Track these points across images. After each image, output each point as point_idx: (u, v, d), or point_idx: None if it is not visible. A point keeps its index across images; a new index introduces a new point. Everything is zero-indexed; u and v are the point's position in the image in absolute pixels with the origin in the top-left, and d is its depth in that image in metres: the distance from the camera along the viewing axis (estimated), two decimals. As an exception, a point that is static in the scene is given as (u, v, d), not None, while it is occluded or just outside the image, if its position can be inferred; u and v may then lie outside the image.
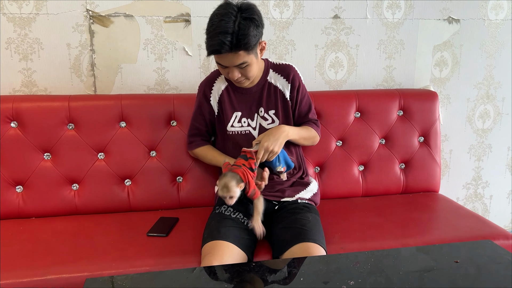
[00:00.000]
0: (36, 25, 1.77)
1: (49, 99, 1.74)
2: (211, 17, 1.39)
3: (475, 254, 1.18)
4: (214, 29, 1.35)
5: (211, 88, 1.62)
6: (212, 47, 1.36)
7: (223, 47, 1.34)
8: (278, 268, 1.13)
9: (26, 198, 1.71)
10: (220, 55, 1.38)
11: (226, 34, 1.33)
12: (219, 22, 1.34)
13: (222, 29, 1.33)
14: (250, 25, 1.35)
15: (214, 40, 1.34)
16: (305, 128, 1.64)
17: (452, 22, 2.11)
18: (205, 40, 1.40)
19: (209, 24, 1.38)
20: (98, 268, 1.34)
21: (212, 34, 1.35)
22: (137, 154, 1.78)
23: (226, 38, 1.33)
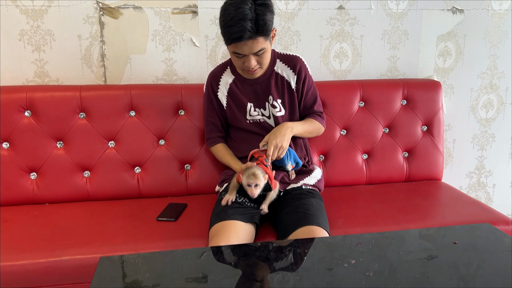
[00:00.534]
0: (48, 17, 1.82)
1: (61, 89, 1.80)
2: (226, 7, 1.41)
3: (473, 236, 1.22)
4: (232, 17, 1.37)
5: (218, 83, 1.66)
6: (234, 34, 1.38)
7: (245, 33, 1.37)
8: (283, 248, 1.18)
9: (40, 185, 1.77)
10: (239, 44, 1.41)
11: (247, 20, 1.36)
12: (236, 10, 1.36)
13: (241, 16, 1.35)
14: (266, 11, 1.39)
15: (236, 27, 1.36)
16: (309, 122, 1.68)
17: (456, 12, 2.13)
18: (223, 30, 1.42)
19: (224, 14, 1.40)
20: (110, 250, 1.40)
21: (232, 22, 1.37)
22: (146, 142, 1.84)
23: (247, 25, 1.36)
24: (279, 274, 1.03)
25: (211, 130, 1.73)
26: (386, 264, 1.06)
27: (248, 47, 1.42)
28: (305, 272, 1.02)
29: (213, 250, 1.18)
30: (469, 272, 1.04)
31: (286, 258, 1.12)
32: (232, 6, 1.38)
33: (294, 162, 1.59)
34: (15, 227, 1.55)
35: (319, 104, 1.74)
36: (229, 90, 1.64)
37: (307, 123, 1.67)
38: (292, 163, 1.59)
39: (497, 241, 1.17)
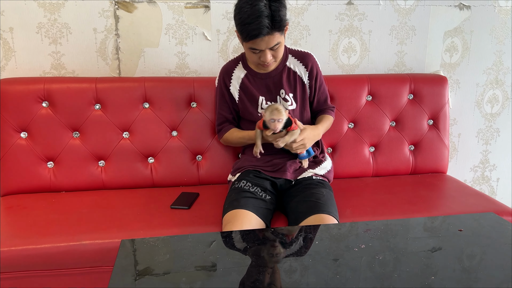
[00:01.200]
0: (65, 10, 1.87)
1: (77, 81, 1.85)
2: (241, 5, 1.45)
3: (478, 224, 1.27)
4: (249, 15, 1.41)
5: (230, 78, 1.71)
6: (253, 31, 1.43)
7: (263, 30, 1.42)
8: (296, 234, 1.23)
9: (56, 173, 1.83)
10: (256, 40, 1.45)
11: (263, 17, 1.40)
12: (252, 8, 1.41)
13: (258, 13, 1.40)
14: (281, 6, 1.44)
15: (254, 25, 1.41)
16: (325, 121, 1.74)
17: (463, 9, 2.16)
18: (240, 28, 1.46)
19: (240, 12, 1.44)
20: (128, 235, 1.45)
21: (249, 20, 1.41)
22: (160, 133, 1.89)
23: (265, 21, 1.41)
24: (290, 259, 1.08)
25: (222, 122, 1.77)
26: (395, 249, 1.11)
27: (265, 43, 1.47)
28: (317, 256, 1.08)
29: (227, 235, 1.24)
30: (474, 258, 1.10)
31: (298, 243, 1.18)
32: (247, 4, 1.42)
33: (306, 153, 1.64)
34: (35, 213, 1.61)
35: (329, 99, 1.81)
36: (241, 84, 1.69)
37: (326, 123, 1.74)
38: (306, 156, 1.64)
39: (501, 229, 1.22)
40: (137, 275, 1.00)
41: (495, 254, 1.10)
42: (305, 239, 1.20)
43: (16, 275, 1.42)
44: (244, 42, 1.51)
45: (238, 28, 1.48)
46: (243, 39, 1.49)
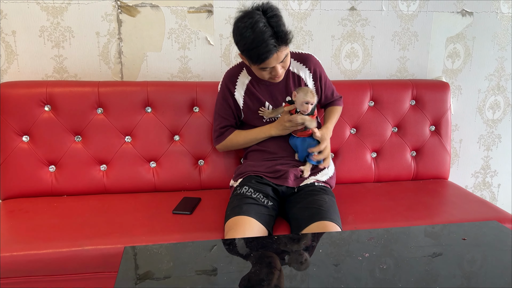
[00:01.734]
0: (68, 14, 1.87)
1: (79, 85, 1.85)
2: (240, 31, 1.42)
3: (482, 233, 1.27)
4: (253, 39, 1.40)
5: (235, 84, 1.70)
6: (262, 55, 1.43)
7: (271, 50, 1.42)
8: (299, 241, 1.23)
9: (58, 177, 1.83)
10: (266, 60, 1.46)
11: (268, 37, 1.40)
12: (254, 32, 1.40)
13: (261, 35, 1.40)
14: (279, 21, 1.44)
15: (261, 48, 1.41)
16: (334, 113, 1.79)
17: (466, 15, 2.17)
18: (247, 54, 1.45)
19: (243, 38, 1.42)
20: (130, 241, 1.45)
21: (255, 44, 1.41)
22: (162, 138, 1.89)
23: (270, 41, 1.41)
24: (293, 267, 1.08)
25: (225, 126, 1.75)
26: (399, 258, 1.11)
27: (275, 60, 1.48)
28: (321, 264, 1.07)
29: (230, 242, 1.24)
30: (477, 268, 1.10)
31: (301, 251, 1.17)
32: (247, 29, 1.41)
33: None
34: (36, 217, 1.61)
35: (335, 91, 1.83)
36: (246, 91, 1.69)
37: (334, 117, 1.79)
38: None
39: (505, 238, 1.22)
40: (140, 282, 0.99)
41: (498, 263, 1.10)
42: (308, 247, 1.19)
43: (17, 280, 1.41)
44: (253, 65, 1.51)
45: (245, 54, 1.47)
46: (253, 63, 1.49)
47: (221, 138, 1.76)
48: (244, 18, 1.43)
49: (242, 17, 1.44)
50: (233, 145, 1.77)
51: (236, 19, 1.47)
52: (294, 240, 1.23)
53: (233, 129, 1.76)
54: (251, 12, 1.44)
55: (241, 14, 1.46)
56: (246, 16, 1.43)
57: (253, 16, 1.42)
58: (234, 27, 1.47)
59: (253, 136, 1.70)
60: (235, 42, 1.51)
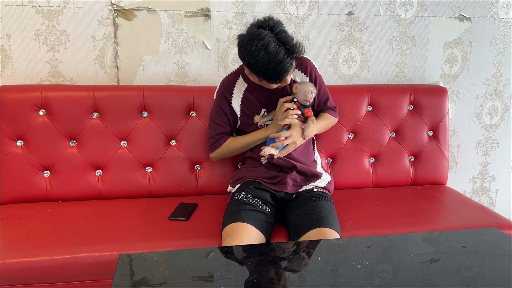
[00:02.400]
0: (64, 17, 1.85)
1: (75, 89, 1.82)
2: (252, 54, 1.40)
3: (482, 240, 1.25)
4: (269, 60, 1.39)
5: (231, 92, 1.69)
6: (281, 75, 1.44)
7: (289, 68, 1.44)
8: (296, 249, 1.21)
9: (53, 183, 1.80)
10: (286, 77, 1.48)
11: (284, 58, 1.40)
12: (268, 54, 1.38)
13: (277, 57, 1.39)
14: (286, 35, 1.43)
15: (279, 68, 1.41)
16: (324, 118, 1.75)
17: (463, 20, 2.16)
18: (263, 75, 1.45)
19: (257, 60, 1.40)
20: (125, 248, 1.43)
21: (271, 65, 1.40)
22: (158, 142, 1.87)
23: (286, 61, 1.41)
24: (291, 275, 1.06)
25: (219, 132, 1.72)
26: (398, 266, 1.09)
27: (288, 74, 1.49)
28: (320, 272, 1.06)
29: (227, 250, 1.22)
30: (478, 276, 1.08)
31: (299, 258, 1.16)
32: (260, 51, 1.39)
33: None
34: (31, 224, 1.58)
35: (331, 100, 1.80)
36: (243, 98, 1.67)
37: (323, 120, 1.75)
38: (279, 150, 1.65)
39: (505, 245, 1.21)
40: (136, 292, 0.97)
41: (498, 270, 1.09)
42: (307, 255, 1.18)
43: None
44: (265, 81, 1.50)
45: (260, 75, 1.46)
46: (268, 81, 1.49)
47: (217, 144, 1.73)
48: (254, 41, 1.39)
49: (251, 39, 1.40)
50: (229, 151, 1.74)
51: (244, 41, 1.43)
52: (292, 248, 1.21)
53: (228, 136, 1.74)
54: (259, 33, 1.40)
55: (249, 36, 1.42)
56: (255, 38, 1.40)
57: (262, 37, 1.39)
58: (244, 49, 1.43)
59: (250, 138, 1.69)
60: (245, 63, 1.47)
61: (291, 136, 1.60)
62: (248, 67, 1.47)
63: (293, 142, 1.61)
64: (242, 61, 1.49)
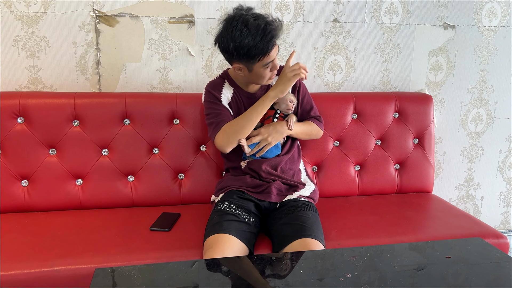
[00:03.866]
0: (44, 23, 1.82)
1: (55, 96, 1.78)
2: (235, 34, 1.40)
3: (466, 250, 1.24)
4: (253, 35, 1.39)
5: (220, 92, 1.64)
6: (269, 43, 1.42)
7: (274, 36, 1.42)
8: (279, 261, 1.18)
9: (31, 192, 1.75)
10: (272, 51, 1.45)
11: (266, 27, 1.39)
12: (249, 29, 1.38)
13: (258, 29, 1.39)
14: (259, 14, 1.45)
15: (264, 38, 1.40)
16: (306, 123, 1.71)
17: (448, 28, 2.17)
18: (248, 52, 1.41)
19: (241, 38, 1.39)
20: (104, 260, 1.39)
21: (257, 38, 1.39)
22: (140, 151, 1.83)
23: (268, 29, 1.40)
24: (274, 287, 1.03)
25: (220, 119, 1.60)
26: (382, 278, 1.07)
27: (275, 49, 1.47)
28: (302, 285, 1.03)
29: (207, 262, 1.18)
30: (463, 285, 1.06)
31: (282, 271, 1.13)
32: (242, 29, 1.39)
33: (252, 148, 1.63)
34: (6, 235, 1.53)
35: (315, 110, 1.78)
36: (230, 101, 1.64)
37: (304, 125, 1.71)
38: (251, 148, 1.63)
39: (489, 256, 1.20)
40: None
41: (482, 281, 1.08)
42: (290, 267, 1.15)
43: (-17, 303, 1.33)
44: (256, 63, 1.46)
45: (251, 54, 1.42)
46: (258, 59, 1.44)
47: (219, 127, 1.58)
48: (232, 23, 1.41)
49: (229, 23, 1.42)
50: (234, 128, 1.56)
51: (223, 30, 1.44)
52: (274, 260, 1.18)
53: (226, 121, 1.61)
54: (233, 15, 1.43)
55: (225, 22, 1.44)
56: (232, 20, 1.41)
57: (239, 17, 1.41)
58: (227, 37, 1.42)
59: (254, 109, 1.56)
60: (231, 51, 1.44)
61: (260, 133, 1.59)
62: (236, 52, 1.43)
63: (264, 139, 1.59)
64: (227, 52, 1.46)
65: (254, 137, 1.59)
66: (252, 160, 1.64)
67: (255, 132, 1.60)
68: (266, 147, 1.60)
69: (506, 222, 2.51)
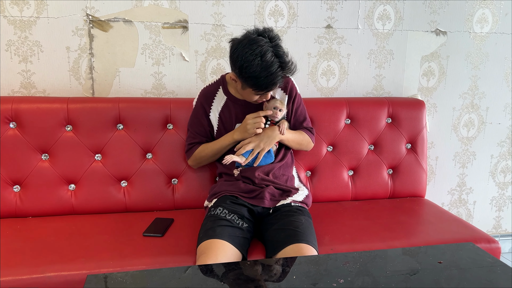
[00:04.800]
0: (37, 28, 1.81)
1: (48, 101, 1.78)
2: (248, 57, 1.38)
3: (458, 255, 1.25)
4: (262, 68, 1.39)
5: (210, 104, 1.67)
6: (270, 86, 1.45)
7: (278, 82, 1.45)
8: (272, 267, 1.18)
9: (23, 198, 1.74)
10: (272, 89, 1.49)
11: (276, 71, 1.40)
12: (263, 62, 1.38)
13: (270, 67, 1.39)
14: (282, 50, 1.44)
15: (269, 80, 1.41)
16: (298, 132, 1.72)
17: (440, 34, 2.19)
18: (253, 81, 1.43)
19: (249, 65, 1.38)
20: (96, 266, 1.38)
21: (265, 73, 1.39)
22: (134, 156, 1.82)
23: (278, 74, 1.41)
24: (268, 294, 1.03)
25: (192, 142, 1.72)
26: (374, 283, 1.08)
27: (274, 89, 1.50)
28: (295, 292, 1.03)
29: (200, 268, 1.18)
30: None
31: (275, 276, 1.13)
32: (256, 57, 1.38)
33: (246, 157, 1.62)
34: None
35: (308, 121, 1.79)
36: (221, 112, 1.65)
37: (296, 133, 1.71)
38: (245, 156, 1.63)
39: (480, 260, 1.21)
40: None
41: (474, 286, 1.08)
42: (283, 273, 1.15)
43: (-27, 310, 1.32)
44: (249, 89, 1.48)
45: (248, 80, 1.44)
46: (254, 90, 1.47)
47: (189, 153, 1.73)
48: (252, 45, 1.39)
49: (250, 43, 1.40)
50: (202, 159, 1.72)
51: (241, 43, 1.42)
52: (267, 266, 1.18)
53: (199, 145, 1.71)
54: (259, 39, 1.40)
55: (248, 40, 1.41)
56: (254, 43, 1.39)
57: (261, 45, 1.39)
58: (240, 51, 1.41)
59: (219, 145, 1.66)
60: (236, 66, 1.44)
61: (251, 141, 1.59)
62: (239, 70, 1.43)
63: (257, 146, 1.59)
64: (233, 64, 1.45)
65: (246, 145, 1.59)
66: (244, 168, 1.64)
67: (247, 140, 1.60)
68: (260, 154, 1.60)
69: (498, 227, 2.53)
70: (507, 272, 1.14)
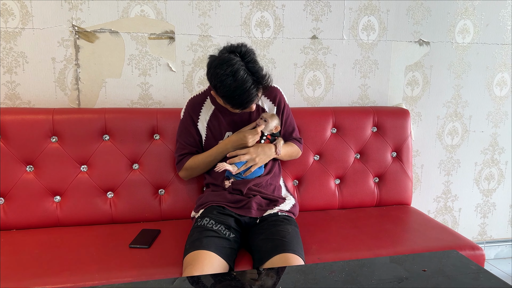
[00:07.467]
0: (22, 39, 1.80)
1: (33, 112, 1.76)
2: (220, 78, 1.40)
3: (442, 263, 1.26)
4: (235, 87, 1.40)
5: (198, 114, 1.67)
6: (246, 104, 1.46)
7: (254, 99, 1.45)
8: (259, 277, 1.18)
9: (7, 210, 1.72)
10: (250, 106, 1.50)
11: (251, 86, 1.41)
12: (235, 81, 1.39)
13: (243, 85, 1.40)
14: (256, 65, 1.44)
15: (244, 96, 1.42)
16: (289, 145, 1.74)
17: (423, 44, 2.24)
18: (228, 100, 1.46)
19: (224, 85, 1.40)
20: (81, 279, 1.36)
21: (237, 92, 1.41)
22: (120, 166, 1.82)
23: (252, 91, 1.42)
24: (255, 305, 1.03)
25: (181, 153, 1.71)
26: (360, 293, 1.08)
27: (254, 104, 1.51)
28: (281, 302, 1.03)
29: (187, 280, 1.18)
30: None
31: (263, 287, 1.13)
32: (228, 77, 1.39)
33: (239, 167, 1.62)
34: (-20, 255, 1.49)
35: (297, 131, 1.81)
36: (209, 122, 1.66)
37: (288, 147, 1.74)
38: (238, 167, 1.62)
39: (465, 268, 1.22)
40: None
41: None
42: (270, 283, 1.15)
43: (-46, 326, 1.29)
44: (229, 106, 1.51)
45: (225, 100, 1.47)
46: (232, 107, 1.49)
47: (180, 164, 1.72)
48: (223, 65, 1.40)
49: (221, 63, 1.40)
50: (193, 170, 1.71)
51: (213, 63, 1.43)
52: (253, 277, 1.18)
53: (190, 156, 1.71)
54: (230, 58, 1.40)
55: (219, 60, 1.42)
56: (225, 63, 1.40)
57: (232, 64, 1.39)
58: (212, 72, 1.42)
59: (210, 154, 1.66)
60: (212, 85, 1.47)
61: (248, 153, 1.59)
62: (214, 89, 1.47)
63: (252, 159, 1.59)
64: (210, 82, 1.48)
65: (242, 156, 1.59)
66: (236, 181, 1.64)
67: (244, 151, 1.59)
68: (253, 167, 1.61)
69: (483, 233, 2.56)
70: (490, 279, 1.15)
